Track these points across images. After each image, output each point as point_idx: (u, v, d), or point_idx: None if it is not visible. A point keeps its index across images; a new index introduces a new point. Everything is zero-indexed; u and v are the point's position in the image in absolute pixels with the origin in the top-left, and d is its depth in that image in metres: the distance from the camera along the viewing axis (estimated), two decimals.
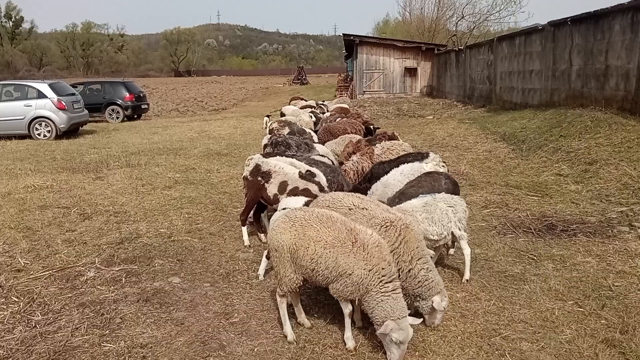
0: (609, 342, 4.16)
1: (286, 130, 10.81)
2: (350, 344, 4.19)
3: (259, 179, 6.51)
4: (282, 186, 6.39)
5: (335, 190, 6.32)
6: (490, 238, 6.74)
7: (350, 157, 8.40)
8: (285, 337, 4.33)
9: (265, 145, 9.22)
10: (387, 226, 4.48)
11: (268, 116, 17.01)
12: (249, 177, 6.63)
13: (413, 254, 4.40)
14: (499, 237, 6.75)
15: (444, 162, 7.07)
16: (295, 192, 6.28)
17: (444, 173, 6.35)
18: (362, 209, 4.78)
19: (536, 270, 5.63)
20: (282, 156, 7.18)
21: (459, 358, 4.06)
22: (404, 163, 6.92)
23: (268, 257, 5.67)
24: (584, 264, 5.72)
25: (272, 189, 6.42)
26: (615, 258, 5.83)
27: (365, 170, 7.71)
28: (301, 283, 4.29)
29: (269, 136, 9.96)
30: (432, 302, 4.35)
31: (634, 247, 6.06)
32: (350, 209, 4.79)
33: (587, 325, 4.46)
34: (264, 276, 5.67)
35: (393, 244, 4.37)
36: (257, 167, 6.58)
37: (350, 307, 4.21)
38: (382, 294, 3.99)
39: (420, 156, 7.16)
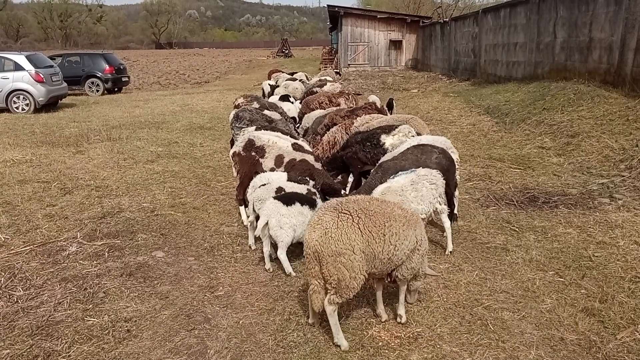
0: (589, 311, 4.25)
1: (254, 105, 10.55)
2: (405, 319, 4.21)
3: (253, 154, 6.37)
4: (279, 159, 6.30)
5: None
6: (473, 210, 6.80)
7: (328, 129, 8.34)
8: (339, 346, 3.85)
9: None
10: None
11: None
12: (242, 152, 6.44)
13: None
14: (481, 209, 6.81)
15: (415, 134, 6.92)
16: (292, 164, 6.21)
17: (439, 147, 5.93)
18: None
19: (518, 242, 5.70)
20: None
21: (442, 328, 4.11)
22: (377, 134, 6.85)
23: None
24: (564, 235, 5.81)
25: (268, 163, 6.33)
26: (595, 229, 5.92)
27: (338, 141, 7.67)
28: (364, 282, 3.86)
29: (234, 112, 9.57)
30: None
31: (614, 219, 6.15)
32: None
33: (568, 294, 4.54)
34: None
35: None
36: (250, 142, 6.43)
37: (405, 286, 4.23)
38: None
39: (389, 129, 7.06)
